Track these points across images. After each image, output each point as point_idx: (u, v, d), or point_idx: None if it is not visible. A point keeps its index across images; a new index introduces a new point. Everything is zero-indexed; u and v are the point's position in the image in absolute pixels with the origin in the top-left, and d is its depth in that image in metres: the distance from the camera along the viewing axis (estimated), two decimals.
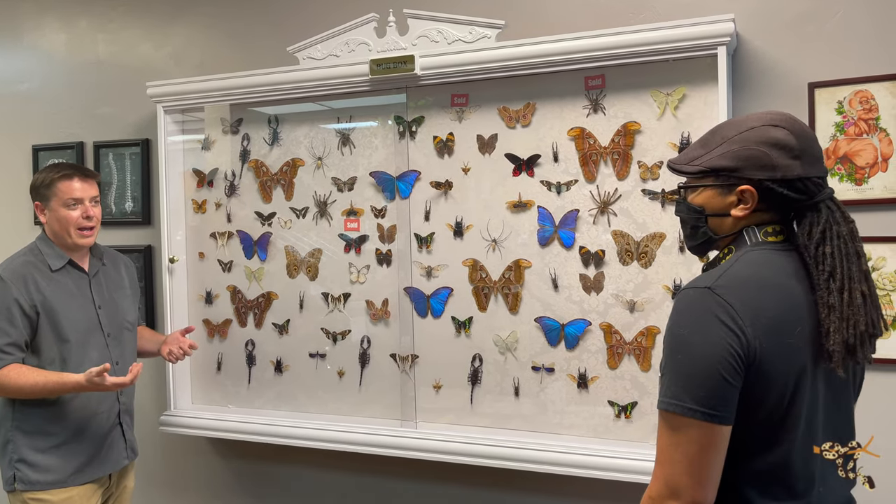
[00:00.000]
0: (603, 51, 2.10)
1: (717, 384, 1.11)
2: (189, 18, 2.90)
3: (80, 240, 2.16)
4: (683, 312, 1.17)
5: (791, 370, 1.14)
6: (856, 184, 2.00)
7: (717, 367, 1.11)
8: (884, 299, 1.98)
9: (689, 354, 1.13)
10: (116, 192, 3.01)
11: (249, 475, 2.87)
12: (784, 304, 1.16)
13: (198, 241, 2.81)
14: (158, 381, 2.91)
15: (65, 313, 2.13)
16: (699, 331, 1.13)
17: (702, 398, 1.11)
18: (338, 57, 2.44)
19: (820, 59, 2.05)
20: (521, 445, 2.27)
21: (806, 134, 1.21)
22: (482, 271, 2.38)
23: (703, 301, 1.14)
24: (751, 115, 1.26)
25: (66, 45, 3.13)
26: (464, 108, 2.38)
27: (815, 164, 1.21)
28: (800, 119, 1.24)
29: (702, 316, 1.13)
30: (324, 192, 2.60)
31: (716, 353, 1.11)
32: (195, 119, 2.80)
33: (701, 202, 1.28)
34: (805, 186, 1.19)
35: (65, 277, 2.17)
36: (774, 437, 1.16)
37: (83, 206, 2.15)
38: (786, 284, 1.18)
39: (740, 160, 1.21)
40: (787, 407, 1.15)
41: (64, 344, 2.12)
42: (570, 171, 2.26)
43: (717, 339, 1.11)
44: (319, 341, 2.63)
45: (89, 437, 2.17)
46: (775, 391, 1.14)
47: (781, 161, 1.18)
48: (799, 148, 1.19)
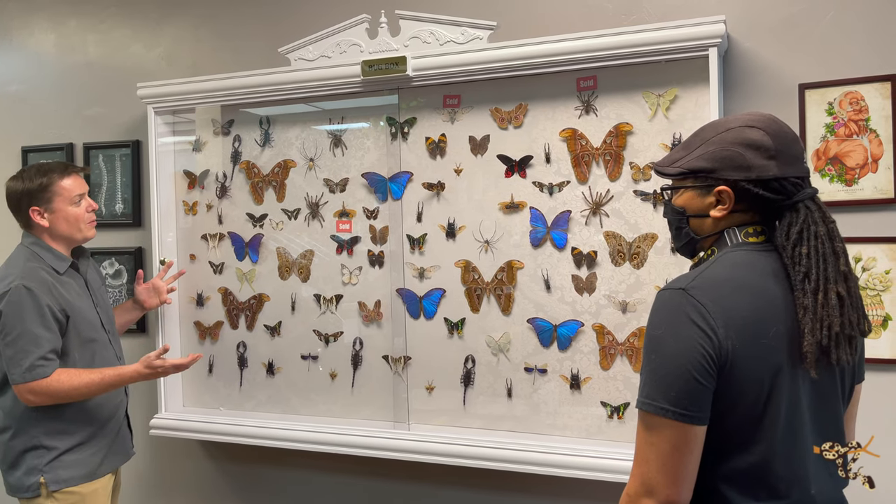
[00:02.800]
0: (595, 52, 2.10)
1: (688, 385, 1.12)
2: (180, 19, 2.89)
3: (90, 232, 2.22)
4: (658, 313, 1.19)
5: (766, 371, 1.15)
6: (846, 185, 2.01)
7: (689, 367, 1.12)
8: (874, 299, 1.99)
9: (662, 355, 1.15)
10: (107, 193, 2.99)
11: (241, 478, 2.86)
12: (760, 305, 1.16)
13: (189, 243, 2.79)
14: (149, 383, 2.89)
15: (81, 316, 2.14)
16: (672, 331, 1.15)
17: (673, 398, 1.13)
18: (329, 58, 2.43)
19: (810, 61, 2.06)
20: (514, 447, 2.26)
21: (783, 134, 1.21)
22: (475, 272, 2.38)
23: (677, 302, 1.16)
24: (731, 117, 1.27)
25: (55, 46, 3.11)
26: (456, 110, 2.38)
27: (793, 164, 1.21)
28: (780, 121, 1.24)
29: (675, 317, 1.15)
30: (316, 194, 2.59)
31: (687, 353, 1.13)
32: (186, 120, 2.79)
33: (682, 203, 1.30)
34: (781, 186, 1.20)
35: (70, 279, 2.17)
36: (752, 437, 1.16)
37: (86, 201, 2.21)
38: (763, 285, 1.18)
39: (716, 161, 1.22)
40: (764, 407, 1.15)
41: (87, 344, 2.15)
42: (563, 172, 2.26)
43: (689, 340, 1.13)
44: (312, 343, 2.62)
45: (107, 430, 2.22)
46: (750, 391, 1.14)
47: (756, 161, 1.20)
48: (774, 148, 1.19)
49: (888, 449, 1.71)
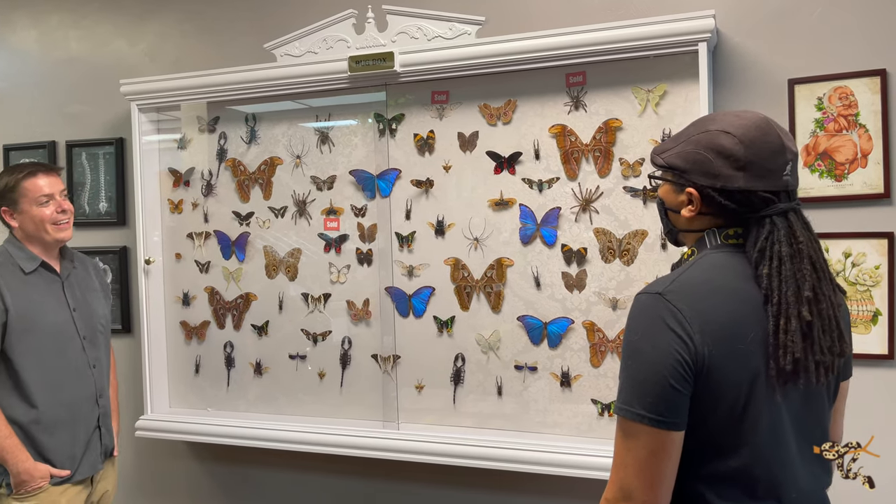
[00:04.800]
0: (584, 47, 2.09)
1: (664, 391, 1.10)
2: (164, 14, 2.85)
3: (58, 234, 2.13)
4: (635, 318, 1.16)
5: (744, 375, 1.12)
6: (836, 180, 2.01)
7: (665, 373, 1.10)
8: (864, 294, 1.99)
9: (638, 361, 1.13)
10: (90, 192, 2.95)
11: (229, 479, 2.83)
12: (737, 309, 1.13)
13: (174, 242, 2.76)
14: (134, 384, 2.85)
15: (39, 317, 2.08)
16: (648, 337, 1.12)
17: (649, 404, 1.10)
18: (316, 54, 2.40)
19: (800, 56, 2.05)
20: (505, 445, 2.25)
21: (760, 145, 1.14)
22: (464, 270, 2.36)
23: (654, 306, 1.13)
24: (718, 115, 1.22)
25: (37, 42, 3.06)
26: (444, 106, 2.36)
27: (765, 178, 1.14)
28: (768, 127, 1.16)
29: (651, 322, 1.13)
30: (303, 191, 2.56)
31: (663, 360, 1.10)
32: (171, 118, 2.75)
33: (662, 195, 1.28)
34: (747, 199, 1.15)
35: (37, 280, 2.12)
36: (733, 442, 1.14)
37: (55, 202, 2.13)
38: (741, 288, 1.14)
39: (688, 162, 1.20)
40: (743, 411, 1.13)
41: (41, 349, 2.08)
42: (552, 169, 2.25)
43: (665, 346, 1.10)
44: (300, 342, 2.60)
45: (69, 442, 2.13)
46: (728, 396, 1.12)
47: (723, 170, 1.15)
48: (745, 159, 1.14)
49: (879, 444, 1.70)
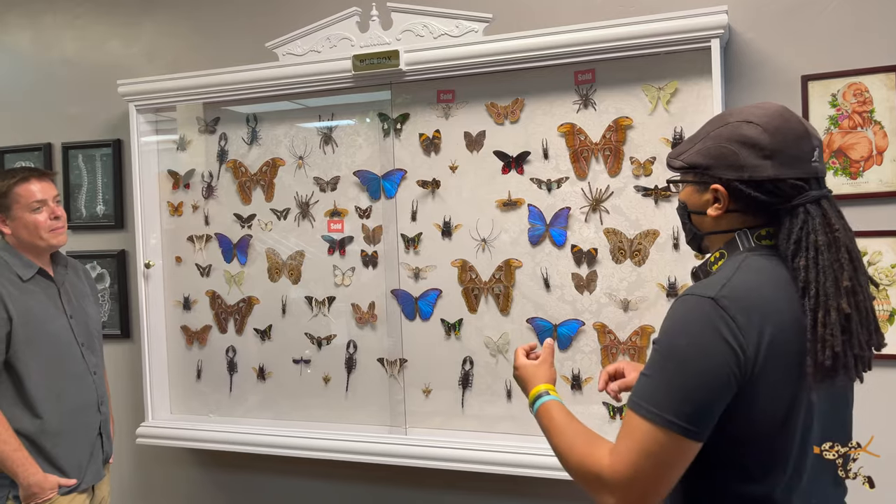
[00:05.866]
0: (593, 44, 2.05)
1: (706, 402, 1.05)
2: (161, 13, 2.80)
3: (52, 240, 2.10)
4: (683, 321, 1.09)
5: (787, 389, 1.07)
6: (851, 178, 1.98)
7: (714, 385, 1.05)
8: (881, 294, 1.96)
9: (683, 367, 1.07)
10: (87, 194, 2.90)
11: (232, 486, 2.78)
12: (784, 320, 1.08)
13: (174, 245, 2.71)
14: (135, 390, 2.80)
15: (42, 326, 2.04)
16: (698, 344, 1.06)
17: (685, 414, 1.05)
18: (319, 53, 2.36)
19: (813, 52, 2.03)
20: (514, 449, 2.22)
21: (785, 132, 1.12)
22: (472, 272, 2.32)
23: (706, 312, 1.07)
24: (735, 109, 1.19)
25: (31, 43, 3.01)
26: (450, 105, 2.32)
27: (794, 165, 1.11)
28: (790, 115, 1.14)
29: (703, 328, 1.06)
30: (306, 193, 2.52)
31: (714, 371, 1.05)
32: (169, 119, 2.70)
33: (684, 198, 1.24)
34: (777, 188, 1.11)
35: (35, 287, 2.08)
36: (767, 463, 1.10)
37: (48, 207, 2.09)
38: (784, 297, 1.09)
39: (711, 158, 1.15)
40: (780, 429, 1.08)
41: (43, 358, 2.04)
42: (561, 168, 2.21)
43: (718, 357, 1.05)
44: (303, 347, 2.55)
45: (74, 450, 2.10)
46: (767, 415, 1.08)
47: (750, 161, 1.11)
48: (771, 147, 1.11)
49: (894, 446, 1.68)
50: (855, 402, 1.22)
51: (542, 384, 1.34)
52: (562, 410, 1.26)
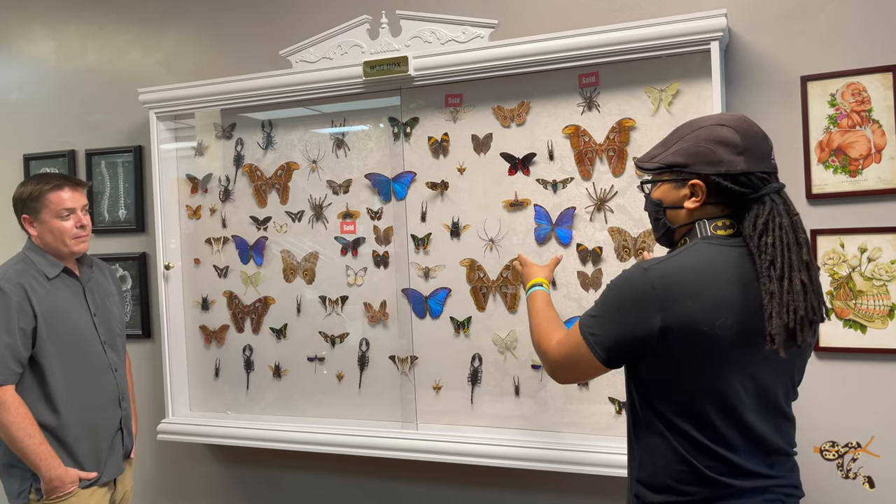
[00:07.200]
0: (596, 48, 2.10)
1: (620, 350, 1.34)
2: (180, 24, 2.89)
3: (76, 247, 2.16)
4: (621, 279, 1.36)
5: (708, 358, 1.27)
6: (850, 175, 2.02)
7: (628, 336, 1.32)
8: (880, 289, 1.99)
9: (610, 314, 1.35)
10: (109, 199, 3.00)
11: (249, 481, 2.86)
12: (711, 296, 1.27)
13: (193, 247, 2.80)
14: (156, 388, 2.89)
15: (65, 323, 2.11)
16: (622, 304, 1.33)
17: (604, 345, 1.35)
18: (331, 59, 2.43)
19: (812, 53, 2.06)
20: (523, 444, 2.27)
21: (752, 133, 1.33)
22: (480, 271, 2.38)
23: (636, 279, 1.32)
24: (705, 117, 1.40)
25: (55, 53, 3.12)
26: (458, 109, 2.38)
27: (760, 161, 1.32)
28: (751, 120, 1.36)
29: (628, 290, 1.32)
30: (319, 196, 2.59)
31: (629, 323, 1.31)
32: (187, 126, 2.79)
33: (659, 196, 1.42)
34: (749, 180, 1.31)
35: (61, 286, 2.15)
36: (702, 415, 1.31)
37: (76, 216, 2.15)
38: (721, 276, 1.28)
39: (690, 156, 1.34)
40: (708, 391, 1.29)
41: (66, 354, 2.10)
42: (566, 169, 2.26)
43: (635, 314, 1.30)
44: (318, 345, 2.62)
45: (95, 445, 2.17)
46: (688, 377, 1.30)
47: (726, 157, 1.31)
48: (743, 145, 1.31)
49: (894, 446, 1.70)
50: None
51: (539, 278, 1.75)
52: (545, 300, 1.66)
